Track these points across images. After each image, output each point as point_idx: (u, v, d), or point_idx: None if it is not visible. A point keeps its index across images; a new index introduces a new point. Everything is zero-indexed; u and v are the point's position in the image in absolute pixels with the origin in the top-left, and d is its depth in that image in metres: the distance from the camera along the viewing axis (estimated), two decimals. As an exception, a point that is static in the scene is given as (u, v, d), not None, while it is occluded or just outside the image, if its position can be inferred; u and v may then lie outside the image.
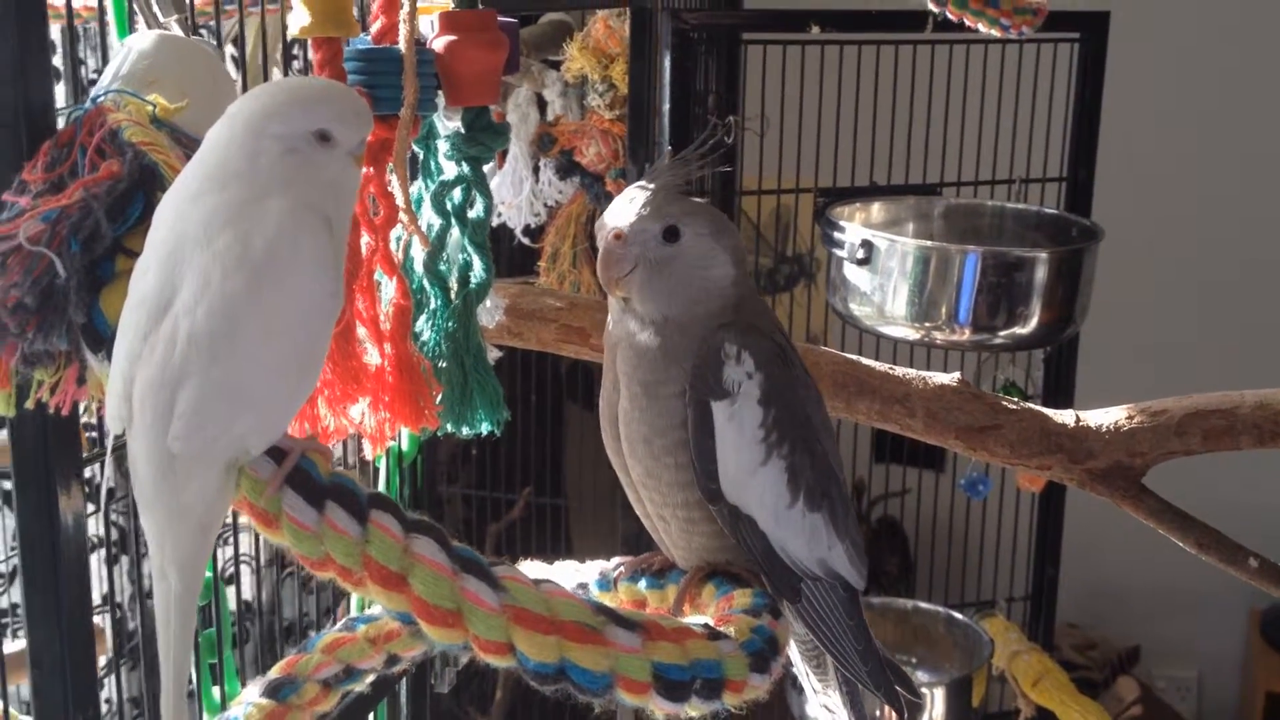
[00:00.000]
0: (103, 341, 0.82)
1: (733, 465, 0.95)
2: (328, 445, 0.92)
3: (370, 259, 1.03)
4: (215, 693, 1.30)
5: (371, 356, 1.02)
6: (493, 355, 1.15)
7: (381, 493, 0.85)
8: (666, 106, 1.85)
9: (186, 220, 0.78)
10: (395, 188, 1.02)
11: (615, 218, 0.95)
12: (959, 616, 2.30)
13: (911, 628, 2.30)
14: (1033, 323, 1.92)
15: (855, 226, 1.99)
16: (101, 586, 1.67)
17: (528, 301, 1.41)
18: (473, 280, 1.10)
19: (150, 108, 0.90)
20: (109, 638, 1.58)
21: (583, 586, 1.06)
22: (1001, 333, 1.93)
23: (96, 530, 1.51)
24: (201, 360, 0.76)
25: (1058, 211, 2.22)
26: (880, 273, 1.92)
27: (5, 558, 1.96)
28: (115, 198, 0.82)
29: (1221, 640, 3.39)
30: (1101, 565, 3.18)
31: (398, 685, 1.51)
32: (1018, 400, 1.42)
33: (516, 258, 2.16)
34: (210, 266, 0.76)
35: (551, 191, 2.01)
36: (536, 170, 1.99)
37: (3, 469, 1.68)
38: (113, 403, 0.79)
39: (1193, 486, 1.56)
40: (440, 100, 1.06)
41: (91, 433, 1.24)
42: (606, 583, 1.06)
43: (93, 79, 1.19)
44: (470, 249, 1.10)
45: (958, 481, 2.40)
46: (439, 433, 1.10)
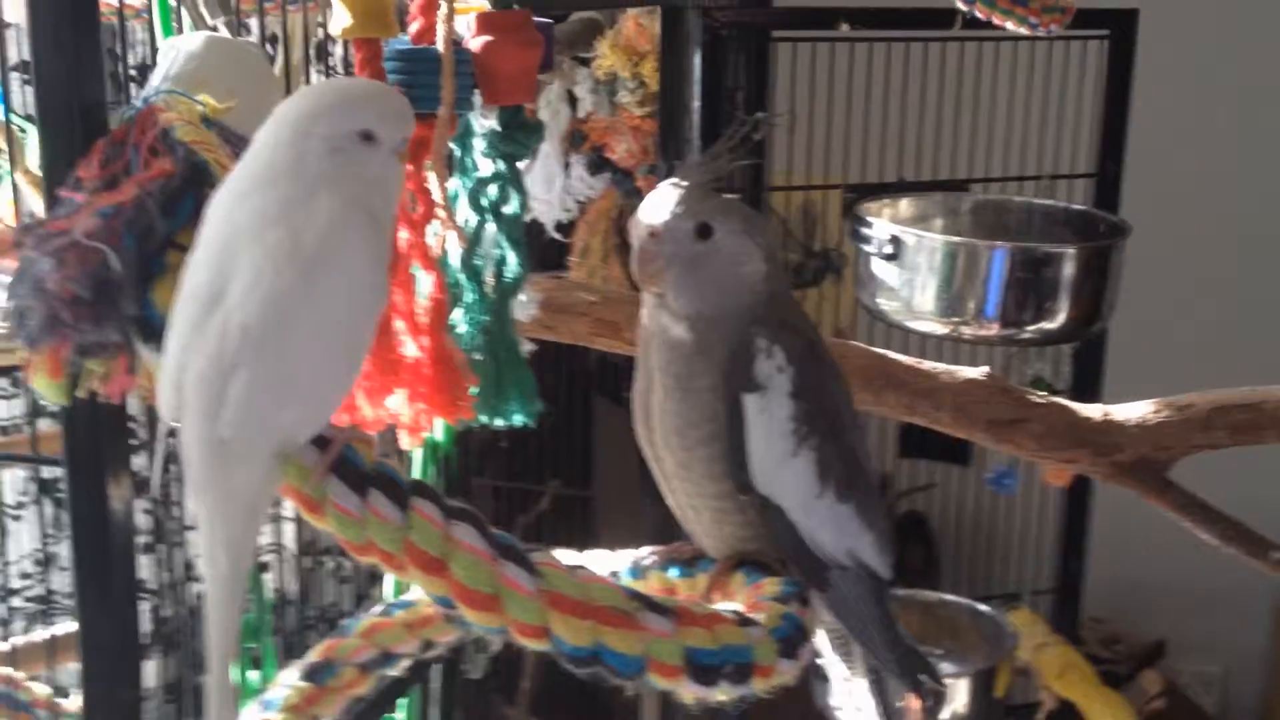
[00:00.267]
0: (154, 333, 0.84)
1: (763, 457, 0.96)
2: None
3: (408, 254, 1.05)
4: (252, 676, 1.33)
5: (408, 349, 1.04)
6: (525, 349, 1.17)
7: (422, 480, 0.88)
8: (696, 104, 1.86)
9: (237, 216, 0.80)
10: (433, 184, 1.04)
11: (649, 215, 0.97)
12: (984, 609, 2.29)
13: (937, 620, 2.30)
14: (1061, 318, 1.93)
15: (883, 222, 2.00)
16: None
17: (561, 295, 1.44)
18: (507, 275, 1.12)
19: (200, 108, 0.92)
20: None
21: (614, 574, 1.07)
22: (1030, 328, 1.94)
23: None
24: (252, 351, 0.78)
25: (1086, 208, 2.22)
26: (908, 268, 1.92)
27: (42, 546, 1.99)
28: (168, 195, 0.84)
29: (1246, 635, 3.38)
30: (1127, 560, 3.17)
31: (430, 670, 1.53)
32: (1045, 394, 1.43)
33: (549, 253, 2.18)
34: (262, 261, 0.78)
35: (582, 187, 2.02)
36: (567, 166, 2.01)
37: (44, 458, 1.71)
38: (165, 392, 0.81)
39: (1219, 481, 1.57)
40: (477, 99, 1.08)
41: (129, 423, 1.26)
42: (638, 570, 1.07)
43: (130, 76, 1.21)
44: (505, 244, 1.12)
45: (984, 476, 2.41)
46: (473, 424, 1.12)
